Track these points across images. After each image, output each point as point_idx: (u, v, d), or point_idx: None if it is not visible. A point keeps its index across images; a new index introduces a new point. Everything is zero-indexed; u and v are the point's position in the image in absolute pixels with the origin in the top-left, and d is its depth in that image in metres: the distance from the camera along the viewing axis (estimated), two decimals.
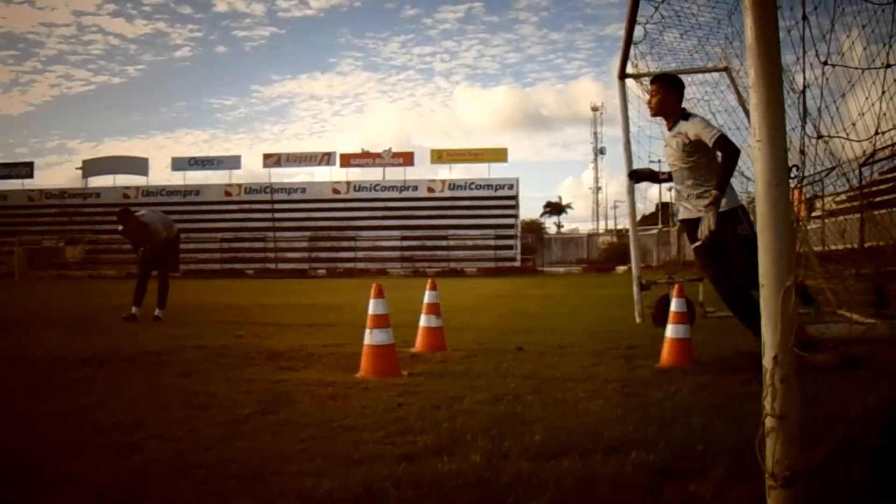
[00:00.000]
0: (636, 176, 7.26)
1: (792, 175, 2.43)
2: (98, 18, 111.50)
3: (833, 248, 7.31)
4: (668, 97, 5.84)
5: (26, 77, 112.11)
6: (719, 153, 5.46)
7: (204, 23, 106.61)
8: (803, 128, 2.60)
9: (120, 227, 10.72)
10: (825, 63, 2.64)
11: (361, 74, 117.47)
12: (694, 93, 9.90)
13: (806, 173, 4.11)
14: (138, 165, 57.38)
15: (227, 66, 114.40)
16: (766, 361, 2.33)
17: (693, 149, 5.62)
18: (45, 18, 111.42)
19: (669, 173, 6.09)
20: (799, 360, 2.35)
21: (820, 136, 2.76)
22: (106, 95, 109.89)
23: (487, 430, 3.55)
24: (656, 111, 5.95)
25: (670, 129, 5.83)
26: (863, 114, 3.42)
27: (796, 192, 3.85)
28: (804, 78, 2.72)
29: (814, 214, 9.27)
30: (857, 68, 3.10)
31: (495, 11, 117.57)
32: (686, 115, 5.75)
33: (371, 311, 5.31)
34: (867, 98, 3.43)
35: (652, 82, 6.17)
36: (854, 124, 3.57)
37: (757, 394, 2.94)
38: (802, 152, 2.61)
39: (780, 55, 2.50)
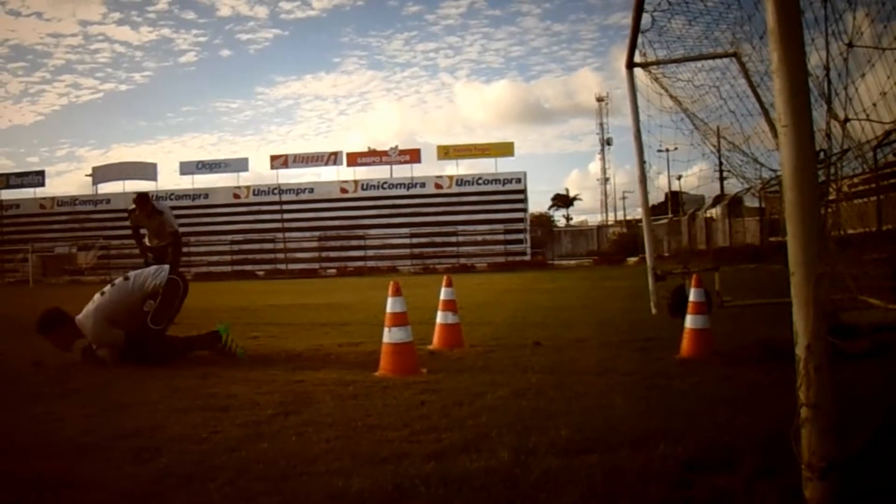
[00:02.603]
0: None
1: (819, 159, 2.40)
2: (104, 27, 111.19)
3: (851, 231, 7.24)
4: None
5: (35, 87, 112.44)
6: None
7: (208, 27, 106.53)
8: (828, 111, 2.55)
9: (135, 210, 10.61)
10: (849, 45, 2.60)
11: (366, 73, 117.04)
12: (704, 79, 9.85)
13: (821, 157, 4.09)
14: (147, 170, 57.46)
15: (232, 69, 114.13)
16: (800, 350, 2.29)
17: None
18: (53, 29, 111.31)
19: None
20: (831, 348, 2.31)
21: (847, 120, 2.71)
22: (113, 103, 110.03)
23: (512, 426, 3.53)
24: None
25: None
26: (884, 93, 3.36)
27: None
28: (828, 59, 2.68)
29: (830, 198, 9.19)
30: (879, 48, 3.04)
31: (498, 5, 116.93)
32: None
33: (389, 309, 5.28)
34: (889, 76, 3.37)
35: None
36: (875, 104, 3.51)
37: (780, 384, 2.92)
38: (828, 135, 2.57)
39: (803, 39, 2.46)
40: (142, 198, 10.65)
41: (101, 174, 57.67)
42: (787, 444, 2.33)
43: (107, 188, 57.17)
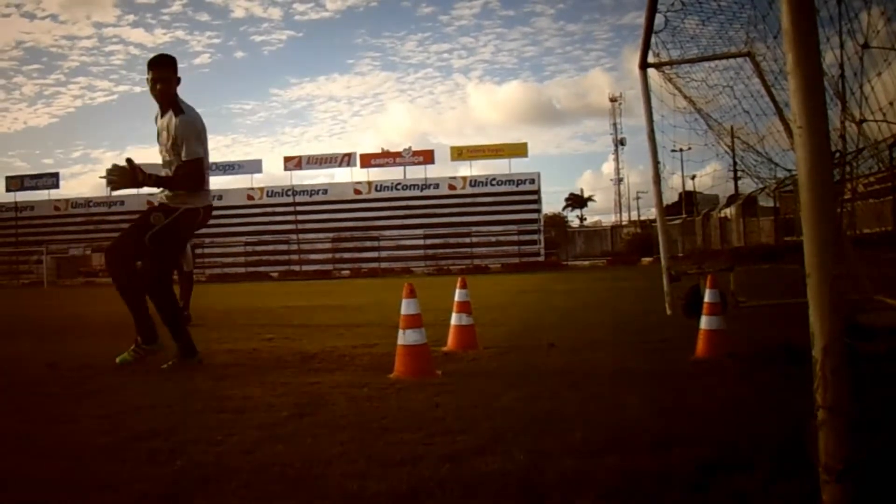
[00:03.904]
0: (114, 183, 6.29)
1: (835, 161, 2.39)
2: (118, 29, 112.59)
3: (867, 231, 7.19)
4: (172, 83, 5.81)
5: (50, 90, 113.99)
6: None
7: (222, 29, 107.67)
8: (843, 111, 2.54)
9: None
10: (864, 45, 2.58)
11: (380, 74, 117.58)
12: (717, 79, 9.84)
13: (836, 157, 4.06)
14: (161, 172, 57.81)
15: (246, 70, 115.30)
16: (816, 352, 2.28)
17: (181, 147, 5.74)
18: (68, 31, 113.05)
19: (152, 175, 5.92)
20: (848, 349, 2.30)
21: (863, 121, 2.69)
22: (128, 105, 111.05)
23: (527, 427, 3.52)
24: (161, 97, 5.86)
25: (163, 116, 5.90)
26: None
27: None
28: (841, 60, 2.66)
29: (845, 198, 9.14)
30: (895, 49, 3.02)
31: (511, 5, 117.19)
32: (180, 110, 5.75)
33: (404, 311, 5.28)
34: None
35: (151, 67, 5.85)
36: (892, 103, 3.48)
37: (796, 385, 2.90)
38: (842, 137, 2.56)
39: (818, 39, 2.44)
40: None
41: None
42: (804, 445, 2.32)
43: (121, 190, 57.51)
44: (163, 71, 5.80)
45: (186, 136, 5.72)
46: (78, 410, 4.33)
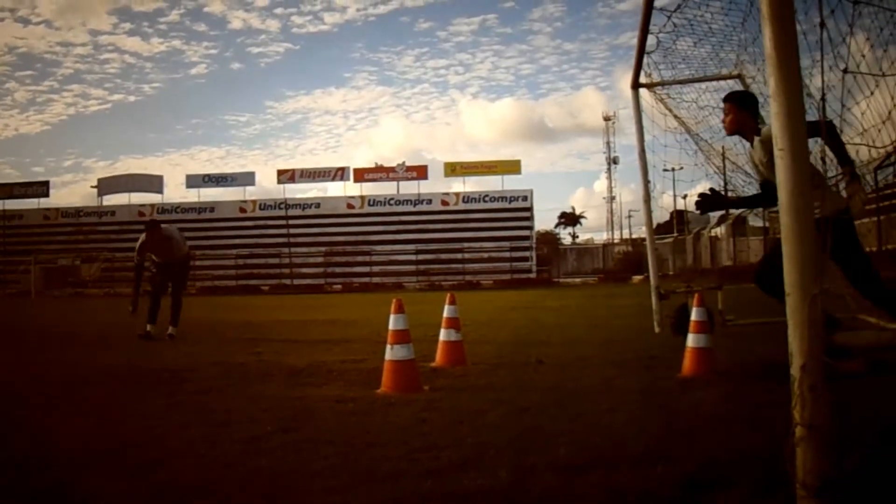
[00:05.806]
0: (705, 206, 5.85)
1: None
2: (114, 37, 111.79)
3: None
4: (740, 116, 5.45)
5: (43, 96, 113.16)
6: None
7: (219, 40, 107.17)
8: (823, 136, 2.58)
9: (142, 238, 10.66)
10: (845, 70, 2.62)
11: (376, 89, 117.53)
12: (708, 100, 9.91)
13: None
14: (153, 183, 57.68)
15: (242, 82, 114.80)
16: (794, 370, 2.31)
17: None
18: (62, 38, 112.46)
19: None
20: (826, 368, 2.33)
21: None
22: (122, 114, 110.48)
23: (512, 444, 3.53)
24: (729, 130, 5.62)
25: (752, 145, 5.44)
26: (885, 120, 3.38)
27: None
28: (823, 84, 2.70)
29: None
30: (878, 75, 3.07)
31: (509, 23, 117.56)
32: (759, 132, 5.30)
33: (392, 326, 5.30)
34: (893, 97, 3.39)
35: (724, 101, 5.69)
36: (879, 130, 3.53)
37: (782, 403, 2.93)
38: (823, 160, 2.60)
39: (800, 64, 2.48)
40: (150, 225, 10.72)
41: (106, 186, 57.91)
42: (784, 462, 2.34)
43: (112, 200, 57.44)
44: (727, 104, 5.58)
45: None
46: (62, 421, 4.33)
